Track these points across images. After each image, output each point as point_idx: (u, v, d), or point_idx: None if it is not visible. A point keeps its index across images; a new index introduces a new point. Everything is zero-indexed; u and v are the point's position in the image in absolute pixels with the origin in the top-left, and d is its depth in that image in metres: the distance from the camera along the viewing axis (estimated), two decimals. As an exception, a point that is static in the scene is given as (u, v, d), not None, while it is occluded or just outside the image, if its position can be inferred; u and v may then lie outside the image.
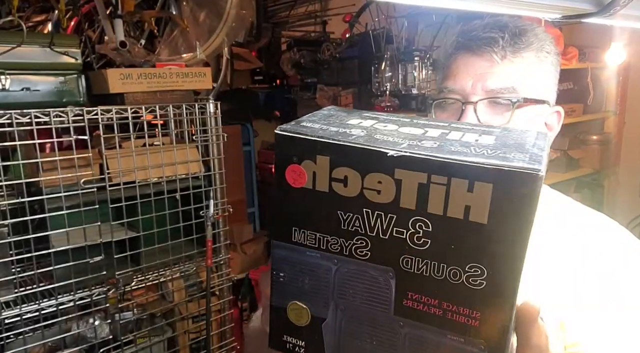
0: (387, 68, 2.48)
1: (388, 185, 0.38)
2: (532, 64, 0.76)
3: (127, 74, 1.59)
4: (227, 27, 1.83)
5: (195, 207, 1.73)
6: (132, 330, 1.65)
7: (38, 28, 1.77)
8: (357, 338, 0.43)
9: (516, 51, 0.75)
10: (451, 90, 0.78)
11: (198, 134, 1.77)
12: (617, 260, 0.75)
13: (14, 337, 1.45)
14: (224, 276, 1.90)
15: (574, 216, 0.82)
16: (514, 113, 0.75)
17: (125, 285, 1.59)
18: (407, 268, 0.40)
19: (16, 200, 1.43)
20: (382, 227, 0.39)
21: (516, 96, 0.75)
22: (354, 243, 0.41)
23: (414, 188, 0.37)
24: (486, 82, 0.75)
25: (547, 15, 0.74)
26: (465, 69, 0.77)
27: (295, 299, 0.45)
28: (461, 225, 0.37)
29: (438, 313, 0.40)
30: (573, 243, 0.77)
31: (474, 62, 0.76)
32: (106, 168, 1.55)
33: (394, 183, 0.38)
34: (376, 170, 0.38)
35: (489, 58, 0.75)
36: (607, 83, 2.90)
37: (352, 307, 0.43)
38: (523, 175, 0.34)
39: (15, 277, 1.40)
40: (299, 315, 0.45)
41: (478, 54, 0.76)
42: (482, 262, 0.37)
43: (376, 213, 0.39)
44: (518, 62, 0.75)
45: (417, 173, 0.37)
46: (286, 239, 0.44)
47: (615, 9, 0.66)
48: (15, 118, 1.34)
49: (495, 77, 0.75)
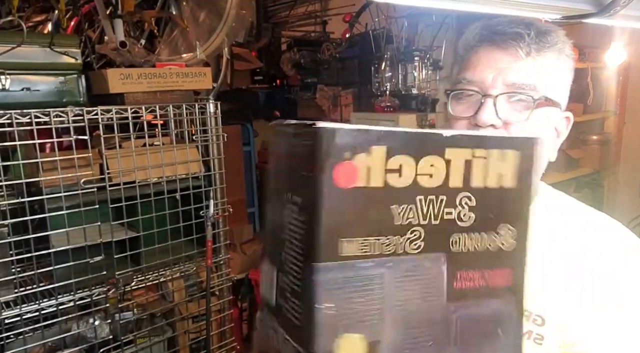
0: (387, 68, 2.48)
1: (439, 167, 0.40)
2: (553, 65, 0.76)
3: (127, 74, 1.59)
4: (227, 27, 1.83)
5: (195, 207, 1.73)
6: (132, 330, 1.65)
7: (38, 28, 1.77)
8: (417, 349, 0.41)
9: (540, 49, 0.74)
10: (470, 81, 0.76)
11: (198, 134, 1.77)
12: (618, 260, 0.75)
13: (14, 337, 1.45)
14: (223, 276, 1.90)
15: (577, 216, 0.82)
16: (533, 112, 0.73)
17: (125, 285, 1.59)
18: (456, 249, 0.41)
19: (16, 200, 1.43)
20: (434, 212, 0.40)
21: (537, 94, 0.74)
22: (408, 237, 0.39)
23: (460, 166, 0.40)
24: (507, 76, 0.74)
25: (548, 16, 0.74)
26: (486, 61, 0.76)
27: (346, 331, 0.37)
28: (497, 193, 0.42)
29: (482, 285, 0.42)
30: (575, 244, 0.77)
31: (496, 55, 0.75)
32: (106, 168, 1.55)
33: (445, 164, 0.40)
34: (429, 153, 0.39)
35: (512, 52, 0.74)
36: (607, 83, 2.90)
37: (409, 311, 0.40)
38: (534, 140, 0.43)
39: (16, 277, 1.40)
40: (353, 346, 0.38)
41: (502, 47, 0.75)
42: (513, 223, 0.42)
43: (429, 198, 0.40)
44: (541, 60, 0.74)
45: (464, 149, 0.40)
46: (332, 256, 0.37)
47: (615, 10, 0.66)
48: (16, 118, 1.34)
49: (517, 72, 0.74)
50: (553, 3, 0.68)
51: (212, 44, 1.86)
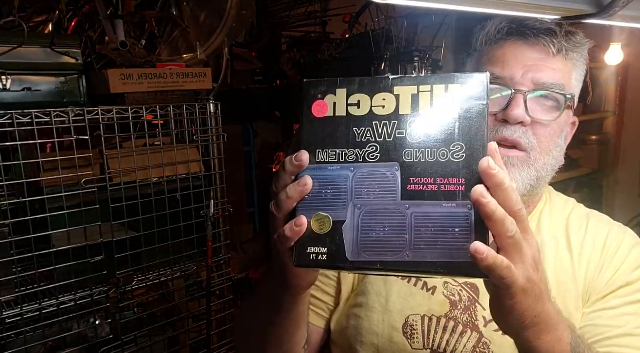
0: (387, 68, 2.48)
1: (390, 101, 0.53)
2: (578, 66, 0.74)
3: (128, 75, 1.60)
4: (228, 27, 1.83)
5: (195, 207, 1.74)
6: (132, 329, 1.65)
7: (39, 28, 1.77)
8: (372, 230, 0.52)
9: (570, 48, 0.72)
10: (498, 77, 0.74)
11: (198, 134, 1.77)
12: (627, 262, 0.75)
13: (15, 337, 1.45)
14: (224, 276, 1.90)
15: (590, 227, 0.80)
16: (561, 113, 0.72)
17: (126, 284, 1.59)
18: (408, 159, 0.52)
19: (17, 200, 1.44)
20: (388, 132, 0.53)
21: (566, 94, 0.72)
22: (366, 150, 0.53)
23: (408, 98, 0.53)
24: (537, 73, 0.71)
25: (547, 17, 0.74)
26: (514, 56, 0.73)
27: (318, 210, 0.53)
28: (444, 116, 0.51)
29: (434, 189, 0.51)
30: (590, 251, 0.77)
31: (525, 51, 0.73)
32: (107, 168, 1.55)
33: (394, 98, 0.53)
34: (381, 91, 0.54)
35: (543, 49, 0.72)
36: (606, 83, 2.91)
37: (367, 204, 0.52)
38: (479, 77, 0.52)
39: (16, 277, 1.40)
40: (322, 224, 0.53)
41: (531, 43, 0.72)
42: (464, 141, 0.51)
43: (383, 122, 0.53)
44: (569, 59, 0.73)
45: (410, 87, 0.53)
46: (311, 161, 0.54)
47: (615, 10, 0.67)
48: (16, 118, 1.34)
49: (547, 70, 0.72)
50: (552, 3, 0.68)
51: (213, 44, 1.86)
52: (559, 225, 0.81)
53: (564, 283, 0.76)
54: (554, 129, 0.73)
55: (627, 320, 0.71)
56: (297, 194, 0.52)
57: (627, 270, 0.74)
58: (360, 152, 0.53)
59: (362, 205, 0.52)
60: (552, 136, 0.73)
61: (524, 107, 0.71)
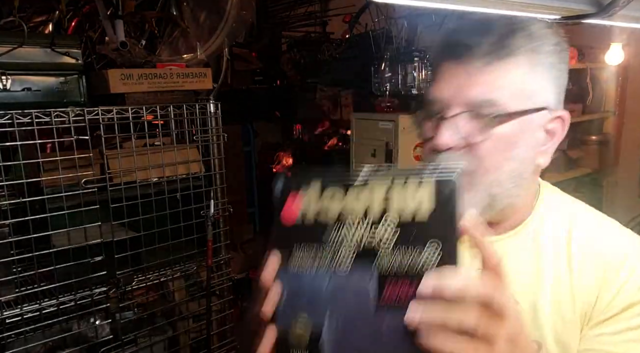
0: (387, 68, 2.48)
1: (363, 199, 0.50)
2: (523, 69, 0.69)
3: (128, 75, 1.60)
4: (228, 27, 1.84)
5: (195, 207, 1.74)
6: (132, 329, 1.65)
7: (39, 28, 1.77)
8: (347, 340, 0.50)
9: (504, 56, 0.68)
10: (432, 100, 0.72)
11: (198, 134, 1.77)
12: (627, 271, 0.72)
13: (15, 337, 1.45)
14: (224, 276, 1.90)
15: (595, 240, 0.76)
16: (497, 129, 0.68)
17: (126, 284, 1.59)
18: (383, 262, 0.49)
19: (17, 200, 1.44)
20: (361, 235, 0.50)
21: (497, 110, 0.67)
22: (340, 254, 0.50)
23: (381, 194, 0.49)
24: (464, 93, 0.68)
25: (547, 16, 0.74)
26: (445, 77, 0.71)
27: (300, 313, 0.51)
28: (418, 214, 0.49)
29: (410, 292, 0.48)
30: (594, 255, 0.73)
31: (454, 70, 0.70)
32: (107, 168, 1.55)
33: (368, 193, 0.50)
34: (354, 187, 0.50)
35: (469, 66, 0.68)
36: (606, 83, 2.90)
37: (342, 312, 0.50)
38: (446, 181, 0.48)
39: (16, 277, 1.40)
40: (304, 328, 0.51)
41: (459, 61, 0.69)
42: (438, 240, 0.48)
43: (357, 225, 0.50)
44: (503, 69, 0.68)
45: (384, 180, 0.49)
46: (282, 265, 0.52)
47: (615, 10, 0.67)
48: (16, 118, 1.34)
49: (474, 87, 0.68)
50: (552, 3, 0.68)
51: (213, 44, 1.86)
52: (561, 235, 0.76)
53: (562, 302, 0.73)
54: (497, 145, 0.69)
55: (631, 347, 0.68)
56: (270, 306, 0.51)
57: (631, 289, 0.70)
58: (334, 256, 0.50)
59: (338, 313, 0.50)
60: (499, 151, 0.69)
61: (449, 132, 0.68)
